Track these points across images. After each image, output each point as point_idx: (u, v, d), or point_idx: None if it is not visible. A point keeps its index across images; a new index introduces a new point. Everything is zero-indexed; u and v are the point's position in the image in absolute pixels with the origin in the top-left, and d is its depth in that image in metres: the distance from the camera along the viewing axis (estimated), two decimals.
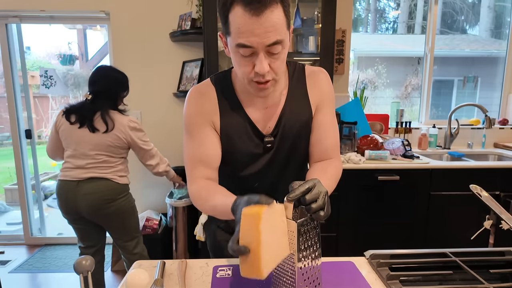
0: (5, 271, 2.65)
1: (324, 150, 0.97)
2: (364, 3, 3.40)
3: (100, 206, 1.82)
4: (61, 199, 1.84)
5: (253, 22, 0.72)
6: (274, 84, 0.84)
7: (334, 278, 0.86)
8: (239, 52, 0.77)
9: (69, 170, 1.82)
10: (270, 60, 0.78)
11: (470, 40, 3.65)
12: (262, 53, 0.76)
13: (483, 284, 0.82)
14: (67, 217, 1.88)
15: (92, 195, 1.80)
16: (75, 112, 1.81)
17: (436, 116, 3.11)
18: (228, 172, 0.99)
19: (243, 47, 0.75)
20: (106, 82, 1.87)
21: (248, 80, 0.82)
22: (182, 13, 2.52)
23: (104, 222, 1.91)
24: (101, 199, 1.82)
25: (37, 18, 2.72)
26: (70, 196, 1.81)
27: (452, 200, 2.14)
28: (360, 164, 2.10)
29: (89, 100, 1.82)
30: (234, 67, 0.85)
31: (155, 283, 0.79)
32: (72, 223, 1.92)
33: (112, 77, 1.89)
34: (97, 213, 1.84)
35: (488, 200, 0.99)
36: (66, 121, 1.80)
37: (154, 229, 2.43)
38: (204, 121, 0.93)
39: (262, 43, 0.74)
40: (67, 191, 1.81)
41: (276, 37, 0.74)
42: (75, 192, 1.80)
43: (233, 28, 0.75)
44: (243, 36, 0.74)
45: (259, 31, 0.72)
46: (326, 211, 0.69)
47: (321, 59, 2.26)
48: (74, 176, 1.80)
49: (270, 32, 0.73)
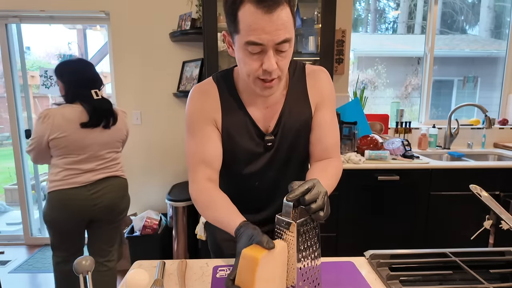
0: (5, 271, 2.65)
1: (324, 149, 0.97)
2: (364, 3, 3.40)
3: (115, 205, 1.82)
4: (68, 209, 1.70)
5: (265, 20, 0.73)
6: (279, 83, 0.85)
7: (334, 278, 0.86)
8: (248, 50, 0.78)
9: (74, 176, 1.70)
10: (277, 58, 0.79)
11: (470, 40, 3.65)
12: (271, 50, 0.77)
13: (483, 284, 0.82)
14: (69, 224, 1.75)
15: (108, 195, 1.77)
16: (91, 113, 1.69)
17: (436, 116, 3.11)
18: (229, 171, 0.99)
19: (254, 44, 0.76)
20: (97, 74, 1.80)
21: (253, 78, 0.82)
22: (182, 13, 2.51)
23: (111, 222, 1.87)
24: (116, 197, 1.81)
25: (37, 18, 2.72)
26: (82, 203, 1.71)
27: (452, 200, 2.14)
28: (360, 164, 2.10)
29: (101, 97, 1.75)
30: (240, 66, 0.85)
31: (155, 283, 0.79)
32: (68, 231, 1.77)
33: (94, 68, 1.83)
34: (112, 213, 1.82)
35: (488, 200, 0.99)
36: (70, 128, 1.65)
37: (154, 229, 2.43)
38: (206, 120, 0.93)
39: (272, 40, 0.75)
40: (77, 198, 1.70)
41: (286, 35, 0.76)
42: (88, 196, 1.71)
43: (243, 26, 0.75)
44: (254, 34, 0.74)
45: (270, 29, 0.74)
46: (326, 211, 0.69)
47: (321, 59, 2.26)
48: (83, 181, 1.71)
49: (280, 30, 0.74)
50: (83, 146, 1.69)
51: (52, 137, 1.64)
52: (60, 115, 1.65)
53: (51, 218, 1.74)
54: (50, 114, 1.64)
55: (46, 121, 1.63)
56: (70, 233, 1.80)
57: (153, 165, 2.79)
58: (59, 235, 1.79)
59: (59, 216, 1.72)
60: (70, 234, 1.80)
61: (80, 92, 1.71)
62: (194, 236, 1.36)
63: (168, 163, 2.78)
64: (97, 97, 1.73)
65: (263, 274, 0.63)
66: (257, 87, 0.84)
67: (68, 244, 1.82)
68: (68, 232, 1.79)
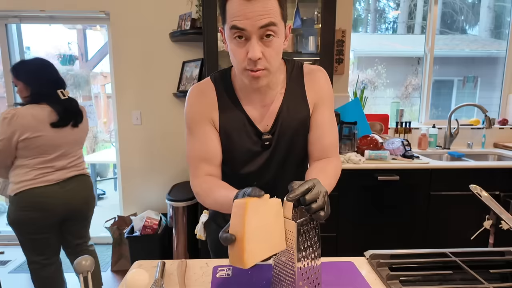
0: (5, 271, 2.65)
1: (323, 149, 0.98)
2: (364, 3, 3.40)
3: (87, 202, 1.87)
4: (43, 207, 1.69)
5: (247, 6, 0.76)
6: (268, 75, 0.85)
7: (334, 278, 0.86)
8: (233, 38, 0.80)
9: (47, 174, 1.69)
10: (263, 48, 0.80)
11: (470, 40, 3.65)
12: (254, 37, 0.79)
13: (483, 284, 0.82)
14: (43, 224, 1.72)
15: (81, 193, 1.82)
16: (60, 113, 1.70)
17: (436, 116, 3.11)
18: (227, 170, 1.00)
19: (236, 29, 0.78)
20: (59, 74, 1.81)
21: (241, 69, 0.84)
22: (182, 13, 2.51)
23: (85, 219, 1.92)
24: (87, 195, 1.86)
25: (37, 18, 2.72)
26: (55, 201, 1.71)
27: (452, 200, 2.14)
28: (360, 164, 2.10)
29: (68, 97, 1.76)
30: (231, 59, 0.87)
31: (155, 283, 0.79)
32: (42, 232, 1.74)
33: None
34: (84, 210, 1.87)
35: (488, 200, 0.99)
36: (41, 128, 1.64)
37: (154, 229, 2.43)
38: (204, 119, 0.94)
39: (254, 25, 0.77)
40: (51, 196, 1.70)
41: (269, 19, 0.77)
42: (61, 194, 1.72)
43: (229, 14, 0.79)
44: (236, 19, 0.78)
45: (252, 14, 0.76)
46: (326, 211, 0.69)
47: (321, 59, 2.26)
48: (56, 179, 1.72)
49: (262, 15, 0.77)
50: (55, 145, 1.70)
51: (24, 137, 1.61)
52: (29, 115, 1.62)
53: (22, 219, 1.68)
54: (17, 114, 1.60)
55: (15, 121, 1.59)
56: (45, 233, 1.75)
57: (153, 165, 2.79)
58: (32, 239, 1.73)
59: (33, 216, 1.68)
60: (45, 234, 1.75)
61: (47, 92, 1.70)
62: (194, 236, 1.36)
63: (168, 163, 2.78)
64: (64, 97, 1.74)
65: (254, 221, 0.64)
66: (245, 78, 0.85)
67: (43, 247, 1.77)
68: (43, 233, 1.74)
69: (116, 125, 2.77)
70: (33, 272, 1.81)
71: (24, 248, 1.77)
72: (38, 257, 1.78)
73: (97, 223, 2.50)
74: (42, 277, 1.81)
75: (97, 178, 4.58)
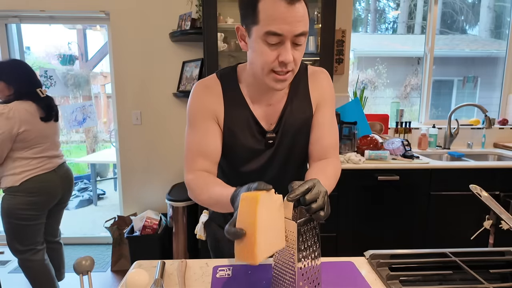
0: (5, 271, 2.65)
1: (323, 149, 0.98)
2: (364, 3, 3.40)
3: (71, 187, 2.10)
4: (47, 191, 1.89)
5: (287, 11, 0.75)
6: (292, 77, 0.86)
7: (334, 278, 0.86)
8: (266, 41, 0.79)
9: (46, 163, 1.89)
10: (293, 51, 0.80)
11: (470, 40, 3.65)
12: (288, 42, 0.79)
13: (483, 284, 0.82)
14: (44, 208, 1.91)
15: (70, 176, 2.06)
16: (44, 109, 1.87)
17: (436, 116, 3.11)
18: (229, 167, 1.00)
19: (273, 34, 0.77)
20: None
21: (268, 70, 0.83)
22: (182, 13, 2.51)
23: (65, 203, 2.12)
24: (72, 179, 2.10)
25: (37, 18, 2.72)
26: (54, 185, 1.93)
27: (452, 200, 2.14)
28: (360, 164, 2.10)
29: (46, 95, 1.92)
30: (254, 58, 0.85)
31: (155, 283, 0.79)
32: (40, 217, 1.92)
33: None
34: (69, 194, 2.09)
35: (488, 200, 0.99)
36: (34, 121, 1.81)
37: (154, 229, 2.43)
38: (208, 115, 0.94)
39: (292, 32, 0.77)
40: (51, 181, 1.91)
41: (304, 28, 0.79)
42: (58, 179, 1.94)
43: (264, 16, 0.77)
44: (275, 23, 0.76)
45: (291, 20, 0.76)
46: (326, 211, 0.69)
47: (321, 59, 2.26)
48: (53, 166, 1.92)
49: (299, 22, 0.77)
50: (45, 136, 1.88)
51: (22, 129, 1.75)
52: (23, 109, 1.76)
53: (28, 204, 1.82)
54: (13, 108, 1.74)
55: (12, 115, 1.72)
56: (42, 218, 1.93)
57: (153, 165, 2.79)
58: (28, 226, 1.87)
59: (37, 200, 1.86)
60: (41, 220, 1.93)
61: (28, 90, 1.84)
62: (194, 236, 1.36)
63: (168, 163, 2.78)
64: (43, 96, 1.89)
65: (264, 215, 0.62)
66: (270, 80, 0.84)
67: (36, 234, 1.92)
68: (40, 218, 1.91)
69: (116, 125, 2.77)
70: (24, 262, 1.91)
71: (16, 239, 1.86)
72: (29, 246, 1.90)
73: (97, 223, 2.50)
74: (34, 264, 1.93)
75: (97, 178, 4.58)
